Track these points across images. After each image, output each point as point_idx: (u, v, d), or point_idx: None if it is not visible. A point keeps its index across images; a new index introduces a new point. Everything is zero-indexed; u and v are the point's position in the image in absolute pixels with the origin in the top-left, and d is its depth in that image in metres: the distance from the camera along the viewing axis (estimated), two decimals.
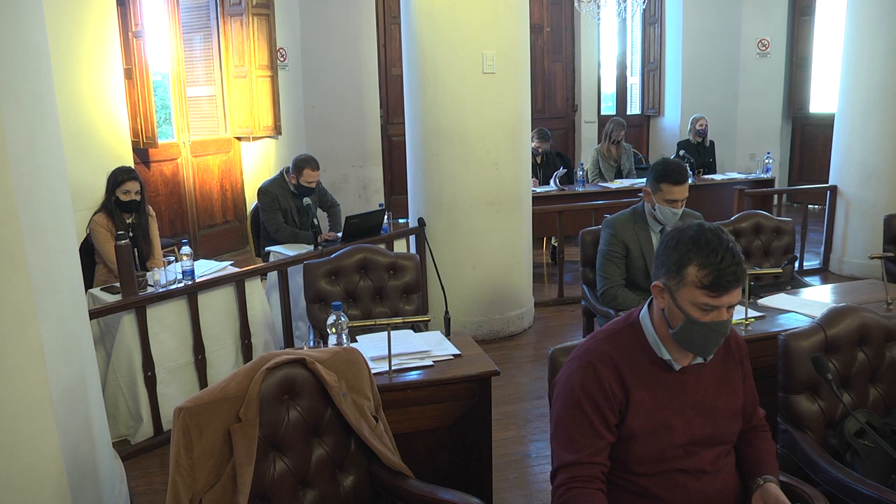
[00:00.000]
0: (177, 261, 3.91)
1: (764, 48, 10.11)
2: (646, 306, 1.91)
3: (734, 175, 7.69)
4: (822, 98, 10.05)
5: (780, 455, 2.24)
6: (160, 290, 3.75)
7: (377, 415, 2.22)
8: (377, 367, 2.57)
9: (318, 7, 8.06)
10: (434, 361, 2.69)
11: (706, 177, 7.50)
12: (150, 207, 4.68)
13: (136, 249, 4.25)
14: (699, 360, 1.87)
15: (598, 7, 8.17)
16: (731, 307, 1.77)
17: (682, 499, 1.85)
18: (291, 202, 5.12)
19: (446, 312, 3.07)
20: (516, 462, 3.55)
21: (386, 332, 2.59)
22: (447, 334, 2.97)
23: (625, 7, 8.25)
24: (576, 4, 8.07)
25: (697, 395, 1.88)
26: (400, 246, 5.03)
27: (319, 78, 8.19)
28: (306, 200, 5.04)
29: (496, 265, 5.06)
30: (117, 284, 3.81)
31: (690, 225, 1.80)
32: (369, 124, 8.57)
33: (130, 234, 4.29)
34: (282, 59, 7.64)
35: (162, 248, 4.66)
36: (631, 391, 1.82)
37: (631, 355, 1.86)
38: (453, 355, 2.75)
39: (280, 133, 7.58)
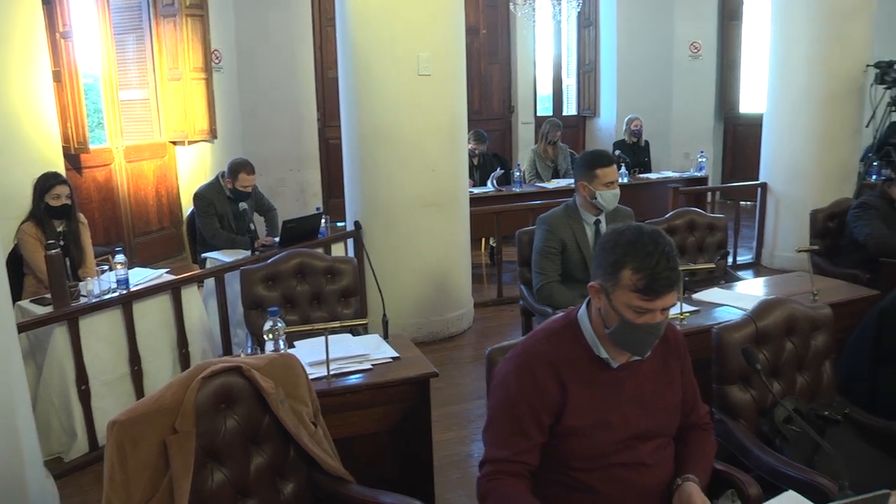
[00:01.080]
0: (110, 269, 3.82)
1: (696, 51, 10.38)
2: (584, 305, 1.95)
3: (669, 174, 7.90)
4: (752, 99, 10.39)
5: (716, 443, 2.32)
6: (93, 301, 3.67)
7: (316, 420, 2.22)
8: (315, 372, 2.58)
9: (253, 8, 7.95)
10: (372, 365, 2.71)
11: (641, 176, 7.68)
12: (82, 214, 4.58)
13: (67, 258, 4.14)
14: (636, 357, 1.91)
15: (534, 9, 8.28)
16: (665, 310, 1.80)
17: (622, 492, 1.89)
18: (227, 207, 5.08)
19: (384, 315, 3.09)
20: (459, 462, 3.59)
21: (324, 337, 2.60)
22: (385, 337, 2.99)
23: (559, 10, 8.39)
24: (511, 7, 8.18)
25: (636, 391, 1.92)
26: (338, 249, 5.03)
27: (255, 80, 8.09)
28: (242, 205, 5.00)
29: (435, 267, 5.10)
30: (48, 296, 3.70)
31: (629, 227, 1.83)
32: (306, 127, 8.50)
33: (61, 242, 4.19)
34: (217, 61, 7.52)
35: (95, 257, 4.55)
36: (568, 390, 1.86)
37: (569, 354, 1.89)
38: (392, 358, 2.77)
39: (216, 137, 7.47)
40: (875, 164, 7.26)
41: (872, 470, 2.26)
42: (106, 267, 3.86)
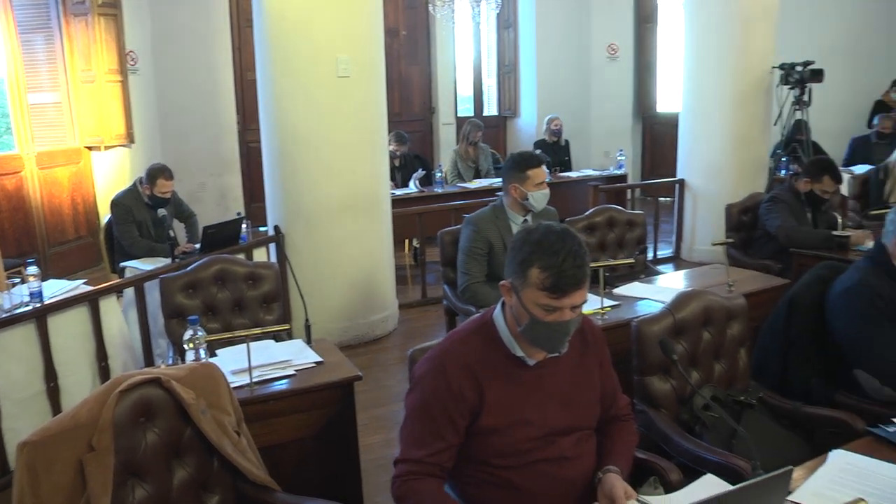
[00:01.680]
0: (23, 282, 3.66)
1: (613, 52, 10.62)
2: (499, 305, 1.96)
3: (589, 172, 8.06)
4: (668, 99, 10.69)
5: (639, 433, 2.37)
6: (4, 316, 3.49)
7: (239, 429, 2.18)
8: (238, 381, 2.53)
9: (169, 8, 7.71)
10: (296, 370, 2.67)
11: (562, 175, 7.80)
12: None
13: None
14: (553, 354, 1.92)
15: (453, 11, 8.32)
16: (575, 307, 1.82)
17: (545, 486, 1.91)
18: (146, 214, 4.95)
19: (306, 320, 3.06)
20: (387, 465, 3.53)
21: (245, 344, 2.56)
22: (308, 342, 2.96)
23: (478, 11, 8.45)
24: (430, 9, 8.19)
25: (554, 387, 1.94)
26: (260, 255, 4.94)
27: (173, 83, 7.86)
28: (161, 212, 4.88)
29: (358, 269, 5.07)
30: None
31: (539, 226, 1.85)
32: (226, 131, 8.32)
33: None
34: (132, 62, 7.28)
35: (6, 270, 4.35)
36: (485, 391, 1.87)
37: (486, 354, 1.91)
38: (315, 363, 2.75)
39: (133, 141, 7.21)
40: (784, 159, 7.58)
41: (784, 449, 2.35)
42: (18, 280, 3.70)
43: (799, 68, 7.14)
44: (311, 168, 4.89)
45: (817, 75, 7.16)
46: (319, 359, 2.78)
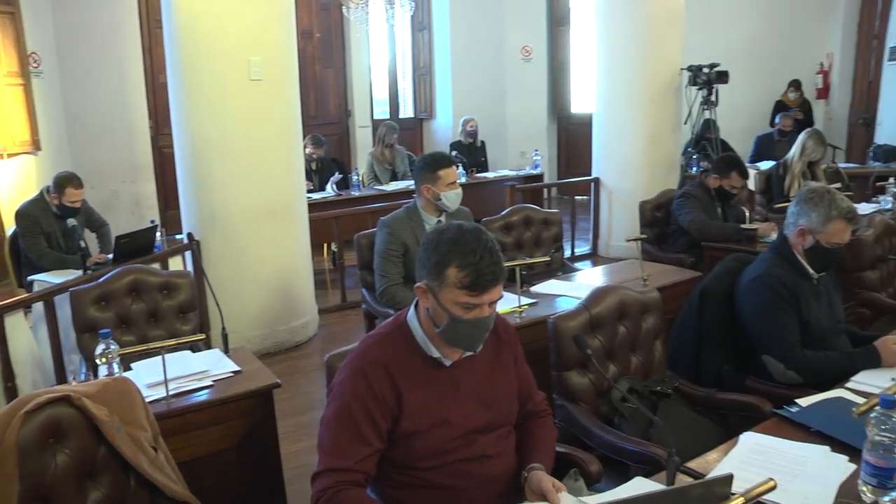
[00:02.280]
0: None
1: (527, 54, 10.76)
2: (412, 308, 1.96)
3: (505, 172, 8.14)
4: (582, 99, 10.90)
5: (559, 428, 2.41)
6: None
7: (156, 445, 2.10)
8: (154, 394, 2.46)
9: (72, 7, 7.37)
10: (213, 381, 2.61)
11: (479, 175, 7.87)
12: None
13: None
14: (469, 353, 1.94)
15: (367, 13, 8.28)
16: (492, 304, 1.84)
17: (467, 485, 1.92)
18: (55, 224, 4.77)
19: (223, 329, 2.99)
20: (311, 473, 3.53)
21: (161, 357, 2.49)
22: (226, 351, 2.90)
23: (392, 14, 8.44)
24: (344, 11, 8.13)
25: (472, 386, 1.95)
26: (176, 263, 4.82)
27: (80, 86, 7.53)
28: (71, 222, 4.72)
29: (276, 275, 5.00)
30: None
31: (450, 226, 1.86)
32: (138, 136, 8.03)
33: None
34: (35, 65, 6.94)
35: None
36: (403, 394, 1.86)
37: (402, 357, 1.90)
38: (233, 372, 2.69)
39: (39, 148, 6.89)
40: (694, 157, 7.88)
41: (700, 434, 2.44)
42: None
43: (706, 70, 7.42)
44: (226, 173, 4.79)
45: (723, 77, 7.45)
46: (237, 368, 2.72)
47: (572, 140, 11.15)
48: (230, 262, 4.86)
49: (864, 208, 5.55)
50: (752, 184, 6.30)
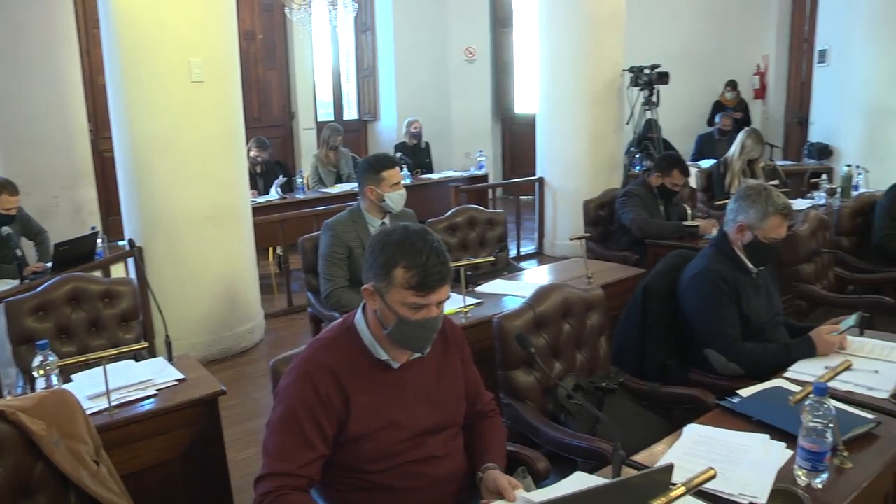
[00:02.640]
0: None
1: (471, 55, 10.81)
2: (359, 310, 1.96)
3: (450, 173, 8.17)
4: (526, 100, 10.99)
5: (506, 426, 2.43)
6: None
7: (98, 458, 2.04)
8: (95, 406, 2.40)
9: (4, 7, 7.02)
10: (157, 390, 2.56)
11: (424, 177, 7.88)
12: None
13: None
14: (417, 355, 1.94)
15: (310, 14, 8.22)
16: (440, 304, 1.85)
17: (417, 486, 1.92)
18: None
19: (167, 336, 2.93)
20: None
21: (102, 367, 2.43)
22: (170, 359, 2.85)
23: (335, 15, 8.39)
24: (287, 12, 8.06)
25: (420, 388, 1.95)
26: (119, 271, 4.71)
27: (13, 88, 7.17)
28: (6, 229, 4.56)
29: (221, 280, 4.93)
30: None
31: (396, 228, 1.86)
32: (77, 140, 7.72)
33: None
34: None
35: None
36: (351, 398, 1.85)
37: (349, 360, 1.89)
38: (177, 380, 2.64)
39: None
40: (637, 156, 8.03)
41: (645, 428, 2.48)
42: None
43: (647, 71, 7.57)
44: (168, 177, 4.70)
45: (664, 77, 7.60)
46: (181, 376, 2.67)
47: (517, 140, 11.24)
48: (174, 268, 4.77)
49: (799, 204, 5.73)
50: (693, 182, 6.44)
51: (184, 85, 4.63)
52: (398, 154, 7.85)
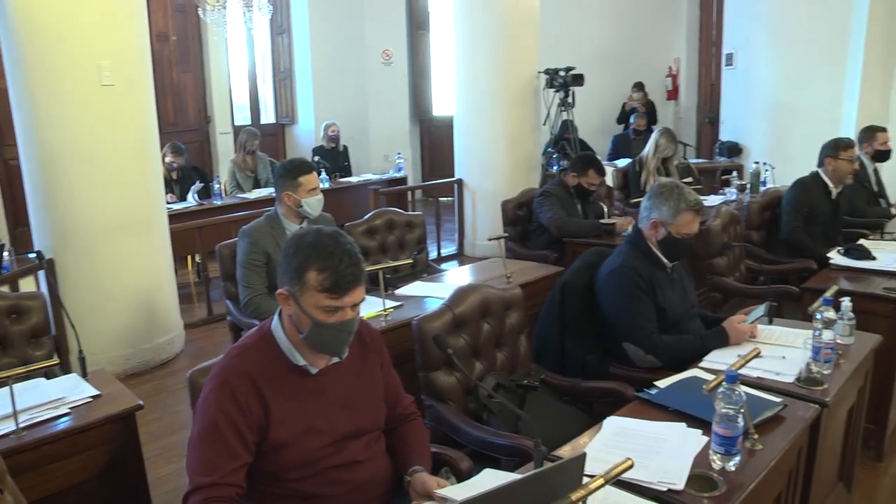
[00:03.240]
0: None
1: (388, 58, 10.80)
2: (276, 316, 1.93)
3: (369, 176, 8.17)
4: (444, 102, 11.04)
5: (429, 427, 2.43)
6: None
7: (3, 485, 1.94)
8: (2, 429, 2.28)
9: None
10: (70, 408, 2.45)
11: (342, 180, 7.84)
12: None
13: None
14: (335, 359, 1.93)
15: (224, 16, 8.06)
16: (355, 306, 1.85)
17: (340, 492, 1.91)
18: None
19: (80, 351, 2.83)
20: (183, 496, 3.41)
21: (8, 387, 2.31)
22: (84, 375, 2.74)
23: (250, 17, 8.24)
24: (200, 13, 7.88)
25: (339, 393, 1.95)
26: (29, 284, 4.52)
27: None
28: None
29: (138, 291, 4.79)
30: None
31: (309, 231, 1.85)
32: None
33: None
34: None
35: None
36: (270, 405, 1.83)
37: (267, 367, 1.87)
38: (92, 397, 2.53)
39: None
40: (554, 156, 8.15)
41: (568, 423, 2.52)
42: None
43: (562, 73, 7.70)
44: (78, 185, 4.53)
45: (579, 79, 7.75)
46: (96, 392, 2.57)
47: (435, 142, 11.29)
48: (88, 280, 4.61)
49: (712, 200, 5.92)
50: (609, 180, 6.58)
51: (93, 89, 4.47)
52: (316, 158, 7.80)
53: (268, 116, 10.60)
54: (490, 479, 1.86)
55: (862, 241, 4.20)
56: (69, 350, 4.00)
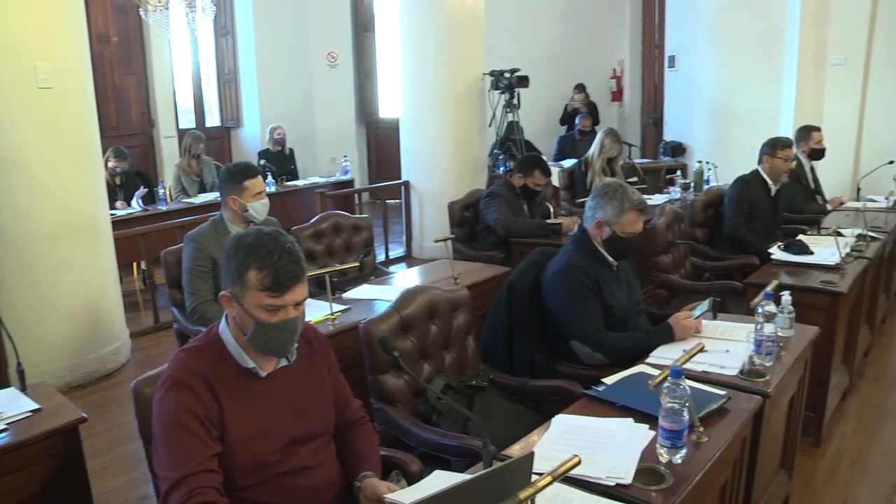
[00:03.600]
0: None
1: (333, 60, 10.75)
2: (223, 320, 1.91)
3: (316, 179, 8.11)
4: (390, 104, 11.03)
5: (379, 431, 2.44)
6: None
7: None
8: None
9: None
10: (7, 424, 2.36)
11: (289, 184, 7.77)
12: None
13: None
14: (283, 362, 1.92)
15: (167, 17, 7.91)
16: (298, 304, 1.84)
17: (290, 498, 1.90)
18: None
19: (18, 364, 2.74)
20: None
21: None
22: (23, 389, 2.66)
23: (194, 17, 8.12)
24: (142, 13, 7.72)
25: (288, 397, 1.93)
26: None
27: None
28: None
29: (81, 300, 4.65)
30: None
31: (249, 232, 1.84)
32: None
33: None
34: None
35: None
36: (224, 405, 1.81)
37: (217, 369, 1.84)
38: (31, 411, 2.44)
39: None
40: (501, 157, 8.20)
41: (517, 422, 2.54)
42: None
43: (507, 75, 7.76)
44: (15, 192, 4.37)
45: (524, 81, 7.82)
46: (36, 406, 2.47)
47: (382, 144, 11.28)
48: (27, 290, 4.45)
49: (657, 199, 6.03)
50: (555, 181, 6.65)
51: (30, 92, 4.33)
52: (262, 161, 7.73)
53: (213, 119, 10.47)
54: (440, 480, 1.86)
55: (801, 237, 4.32)
56: (7, 363, 3.88)
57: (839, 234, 4.08)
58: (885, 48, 7.00)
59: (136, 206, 6.41)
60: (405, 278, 4.14)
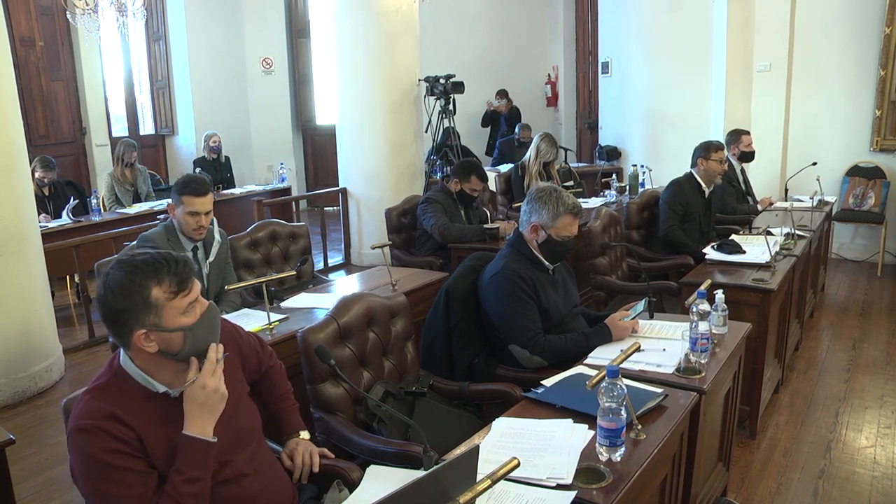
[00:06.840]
0: None
1: (268, 66, 10.66)
2: (122, 353, 1.83)
3: (252, 187, 8.03)
4: (326, 111, 10.98)
5: (320, 440, 2.43)
6: None
7: None
8: None
9: None
10: None
11: (225, 192, 7.67)
12: None
13: None
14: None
15: (96, 21, 7.71)
16: (198, 299, 1.82)
17: None
18: None
19: None
20: None
21: None
22: None
23: (125, 22, 7.93)
24: (69, 17, 7.51)
25: None
26: None
27: None
28: None
29: (10, 317, 4.49)
30: None
31: (116, 269, 1.78)
32: None
33: None
34: None
35: None
36: (140, 433, 1.74)
37: (126, 401, 1.77)
38: None
39: None
40: (438, 163, 8.23)
41: (458, 427, 2.58)
42: None
43: (442, 80, 7.78)
44: None
45: (459, 87, 7.85)
46: None
47: (319, 152, 11.22)
48: None
49: (593, 202, 6.13)
50: (493, 185, 6.70)
51: None
52: (197, 170, 7.63)
53: (146, 127, 10.25)
54: (375, 474, 1.89)
55: (733, 237, 4.44)
56: None
57: (769, 234, 4.21)
58: (805, 55, 7.25)
59: (67, 218, 6.22)
60: (344, 285, 4.11)
